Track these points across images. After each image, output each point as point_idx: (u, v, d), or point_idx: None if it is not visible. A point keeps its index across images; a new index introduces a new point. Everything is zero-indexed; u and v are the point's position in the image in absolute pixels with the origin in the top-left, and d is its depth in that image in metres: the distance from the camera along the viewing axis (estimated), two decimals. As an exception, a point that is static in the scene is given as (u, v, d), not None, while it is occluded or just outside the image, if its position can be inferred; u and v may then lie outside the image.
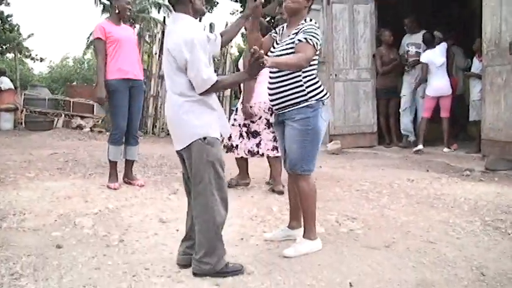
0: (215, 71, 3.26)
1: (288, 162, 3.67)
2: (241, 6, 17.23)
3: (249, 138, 5.51)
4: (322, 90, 3.60)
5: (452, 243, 3.79)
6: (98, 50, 5.52)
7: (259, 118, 5.45)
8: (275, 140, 5.35)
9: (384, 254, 3.56)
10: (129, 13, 5.68)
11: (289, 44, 3.54)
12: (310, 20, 3.60)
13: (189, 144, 3.07)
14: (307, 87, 3.54)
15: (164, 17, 16.12)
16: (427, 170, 6.84)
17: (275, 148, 5.38)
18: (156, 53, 11.82)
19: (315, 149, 3.59)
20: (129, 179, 5.74)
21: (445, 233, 4.04)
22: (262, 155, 5.50)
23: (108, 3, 29.56)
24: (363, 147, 9.00)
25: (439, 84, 8.25)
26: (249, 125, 5.49)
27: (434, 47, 8.27)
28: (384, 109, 8.99)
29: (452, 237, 3.94)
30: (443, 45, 8.23)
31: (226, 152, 5.44)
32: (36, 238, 3.87)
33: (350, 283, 3.04)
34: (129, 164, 5.78)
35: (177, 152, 3.24)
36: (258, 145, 5.48)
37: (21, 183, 5.68)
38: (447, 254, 3.54)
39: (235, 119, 5.54)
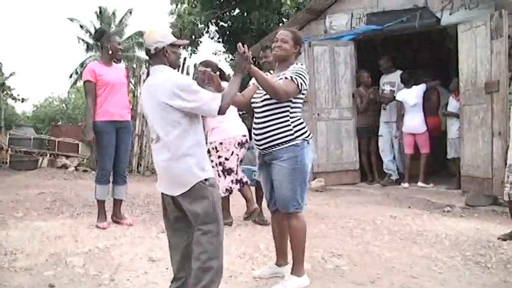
0: None
1: (278, 202, 3.79)
2: (223, 46, 17.56)
3: (225, 177, 5.66)
4: (307, 131, 3.78)
5: (434, 278, 3.92)
6: (88, 92, 5.59)
7: (232, 154, 5.64)
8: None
9: (370, 290, 3.69)
10: (120, 53, 5.80)
11: None
12: (302, 65, 3.82)
13: (191, 188, 3.16)
14: (294, 126, 3.71)
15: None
16: (409, 207, 7.02)
17: (237, 182, 5.66)
18: (140, 93, 11.93)
19: (304, 187, 3.75)
20: (117, 218, 5.81)
21: (428, 268, 4.18)
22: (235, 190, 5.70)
23: (91, 42, 29.90)
24: (346, 184, 9.13)
25: (411, 122, 8.52)
26: (224, 163, 5.65)
27: (411, 87, 8.53)
28: (365, 147, 9.18)
29: (435, 272, 4.08)
30: (421, 87, 8.49)
31: None
32: (29, 277, 3.93)
33: (337, 318, 3.16)
34: (117, 203, 5.85)
35: (168, 196, 3.30)
36: (232, 182, 5.67)
37: (10, 223, 5.71)
38: (430, 289, 3.68)
39: (211, 160, 5.65)
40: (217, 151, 5.61)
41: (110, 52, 5.65)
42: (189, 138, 3.18)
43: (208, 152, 5.62)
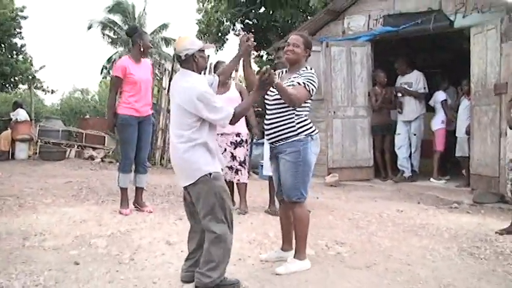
0: None
1: (283, 191, 4.14)
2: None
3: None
4: (311, 127, 4.11)
5: (427, 266, 4.22)
6: (113, 87, 5.95)
7: (225, 151, 6.23)
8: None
9: (365, 274, 4.01)
10: (150, 50, 6.10)
11: (289, 85, 4.02)
12: (311, 69, 4.15)
13: (196, 180, 3.55)
14: (297, 123, 4.05)
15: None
16: (418, 202, 7.27)
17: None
18: (165, 88, 12.20)
19: (306, 179, 4.08)
20: (139, 205, 6.20)
21: (423, 257, 4.47)
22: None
23: (114, 36, 29.86)
24: (360, 180, 9.43)
25: (432, 121, 8.97)
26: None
27: (443, 90, 9.18)
28: (380, 145, 9.46)
29: (428, 261, 4.37)
30: (440, 96, 9.11)
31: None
32: (56, 256, 4.34)
33: (331, 296, 3.49)
34: (139, 191, 6.24)
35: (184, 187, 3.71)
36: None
37: (40, 208, 6.15)
38: (420, 274, 3.98)
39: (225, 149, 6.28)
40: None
41: (142, 49, 5.96)
42: (199, 136, 3.55)
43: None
